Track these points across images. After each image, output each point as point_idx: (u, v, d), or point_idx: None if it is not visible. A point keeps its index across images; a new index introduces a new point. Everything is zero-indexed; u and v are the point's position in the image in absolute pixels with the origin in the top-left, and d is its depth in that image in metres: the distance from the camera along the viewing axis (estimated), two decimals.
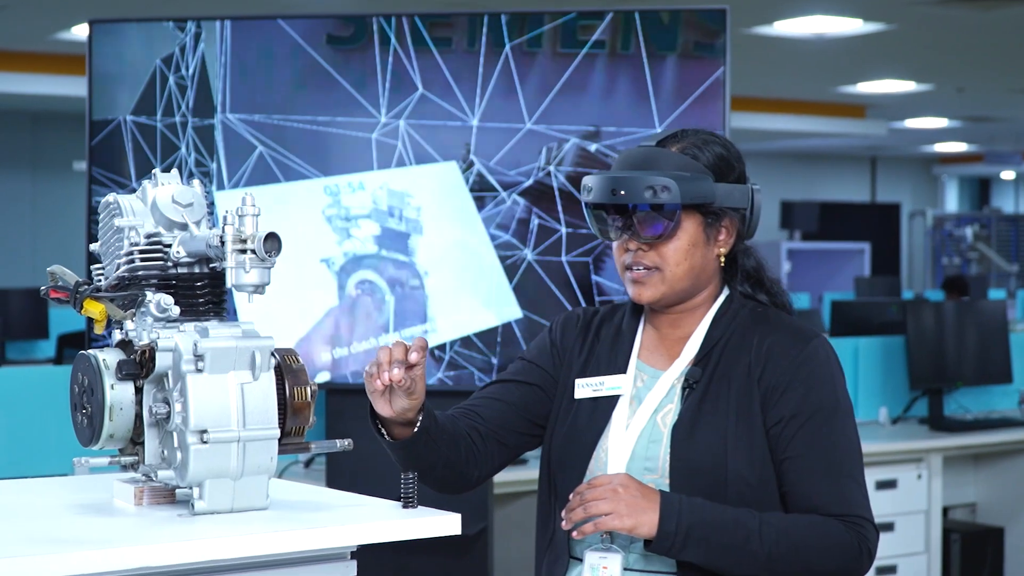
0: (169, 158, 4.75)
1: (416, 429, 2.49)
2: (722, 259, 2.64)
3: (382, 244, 4.65)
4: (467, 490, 2.68)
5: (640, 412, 2.60)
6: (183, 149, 4.72)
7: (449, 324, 4.63)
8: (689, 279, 2.60)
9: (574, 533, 2.47)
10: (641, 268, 2.59)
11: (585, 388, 2.67)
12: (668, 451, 2.54)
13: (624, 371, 2.66)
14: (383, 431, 2.51)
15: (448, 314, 4.63)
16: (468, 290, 4.64)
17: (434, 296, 4.63)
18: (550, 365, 2.73)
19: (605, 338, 2.72)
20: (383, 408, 2.46)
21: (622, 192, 2.54)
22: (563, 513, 2.48)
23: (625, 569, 2.54)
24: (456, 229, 4.67)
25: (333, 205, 4.69)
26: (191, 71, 4.73)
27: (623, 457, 2.57)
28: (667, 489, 2.51)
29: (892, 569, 5.55)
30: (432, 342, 4.58)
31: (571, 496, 2.48)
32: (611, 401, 2.64)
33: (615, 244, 2.62)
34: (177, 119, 4.75)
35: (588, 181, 2.59)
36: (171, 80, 4.74)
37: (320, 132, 4.72)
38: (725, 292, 2.67)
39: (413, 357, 2.39)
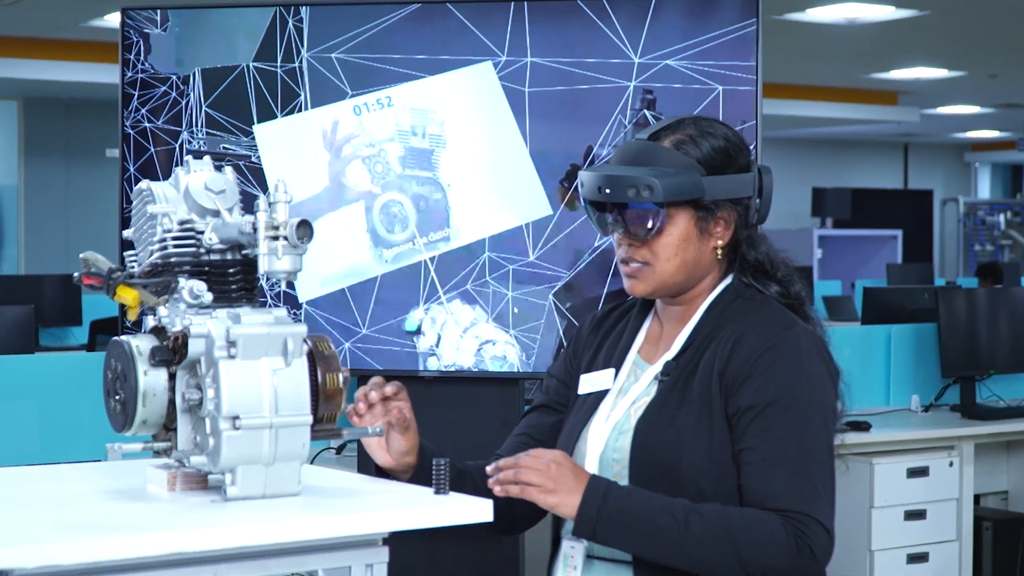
0: (290, 104, 4.69)
1: (415, 470, 2.56)
2: (719, 251, 2.63)
3: (405, 164, 4.62)
4: (515, 531, 2.75)
5: (620, 405, 2.63)
6: (303, 95, 4.68)
7: (470, 228, 4.59)
8: (682, 273, 2.60)
9: (497, 490, 2.45)
10: (634, 263, 2.60)
11: (585, 384, 2.72)
12: (631, 443, 2.55)
13: (620, 366, 2.69)
14: None
15: (470, 220, 4.59)
16: (492, 196, 4.60)
17: (457, 206, 4.60)
18: (570, 379, 2.78)
19: (614, 334, 2.76)
20: (382, 458, 2.57)
21: (607, 191, 2.55)
22: (490, 469, 2.48)
23: (588, 557, 2.58)
24: (483, 136, 4.59)
25: (358, 131, 4.64)
26: (305, 13, 4.68)
27: (597, 448, 2.61)
28: (626, 482, 2.53)
29: (923, 557, 5.54)
30: (452, 245, 4.57)
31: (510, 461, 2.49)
32: (603, 395, 2.68)
33: (614, 238, 2.64)
34: (296, 64, 4.68)
35: (582, 176, 2.61)
36: (290, 24, 4.69)
37: (413, 76, 4.63)
38: (725, 283, 2.66)
39: (388, 390, 2.52)
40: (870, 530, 5.41)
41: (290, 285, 4.58)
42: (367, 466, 4.53)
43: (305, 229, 2.10)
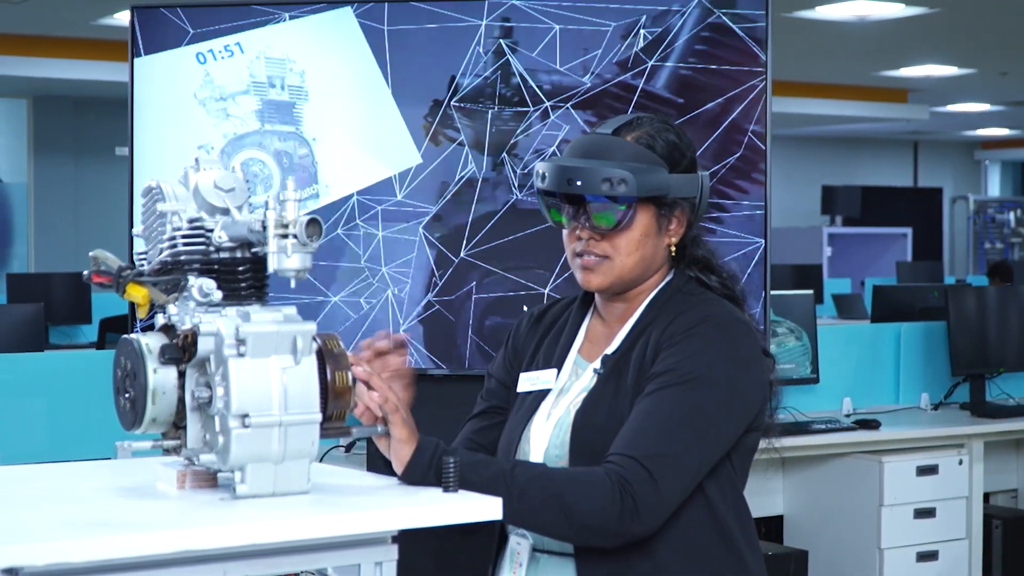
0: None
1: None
2: (672, 249, 2.64)
3: (264, 118, 4.44)
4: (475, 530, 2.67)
5: (561, 402, 2.63)
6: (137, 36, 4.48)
7: (340, 184, 4.44)
8: (639, 268, 2.60)
9: (376, 396, 2.36)
10: (592, 256, 2.59)
11: (524, 383, 2.71)
12: (570, 434, 2.56)
13: (560, 366, 2.68)
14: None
15: (340, 174, 4.44)
16: (361, 148, 4.44)
17: (324, 161, 4.43)
18: (510, 379, 2.77)
19: (553, 332, 2.75)
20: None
21: (578, 183, 2.52)
22: (361, 372, 2.35)
23: (534, 551, 2.59)
24: (347, 86, 4.45)
25: (204, 87, 4.46)
26: None
27: (541, 446, 2.61)
28: None
29: (933, 555, 5.53)
30: (323, 203, 4.43)
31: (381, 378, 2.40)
32: (544, 394, 2.67)
33: (566, 231, 2.63)
34: None
35: (541, 167, 2.59)
36: None
37: None
38: (667, 279, 2.66)
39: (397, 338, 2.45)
40: (880, 528, 5.40)
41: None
42: (376, 464, 4.54)
43: (315, 227, 2.10)
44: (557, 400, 2.64)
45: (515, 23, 4.37)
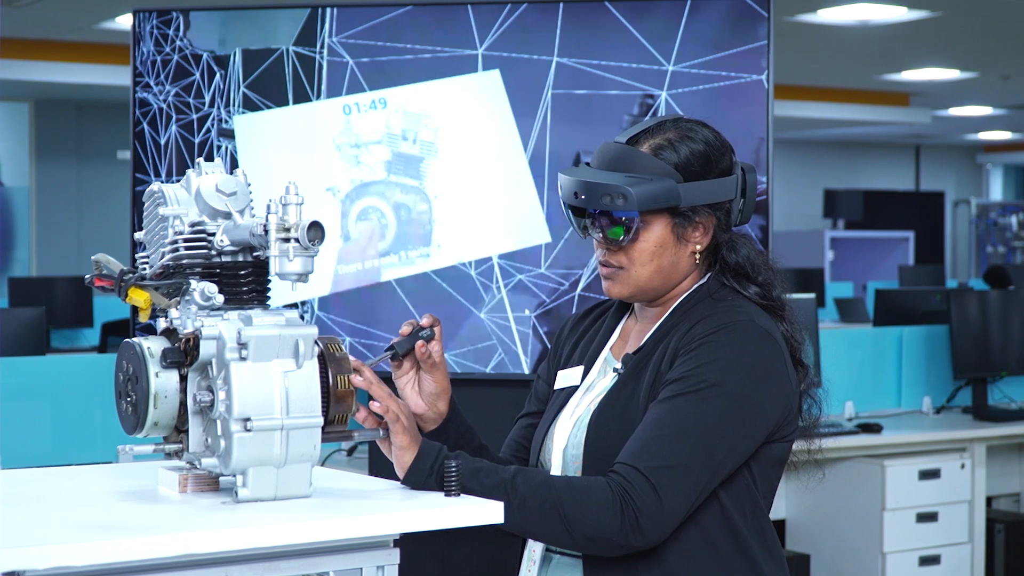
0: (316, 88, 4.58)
1: (444, 420, 2.55)
2: (697, 256, 2.59)
3: (391, 169, 4.46)
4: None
5: (585, 400, 2.62)
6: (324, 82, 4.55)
7: (454, 248, 4.44)
8: (658, 278, 2.57)
9: (376, 406, 2.36)
10: (610, 267, 2.58)
11: (560, 380, 2.71)
12: (584, 436, 2.55)
13: (591, 364, 2.68)
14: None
15: (454, 238, 4.44)
16: (483, 213, 4.44)
17: (441, 220, 4.44)
18: (552, 379, 2.76)
19: (591, 332, 2.75)
20: (415, 402, 2.53)
21: (583, 197, 2.52)
22: (360, 381, 2.34)
23: (547, 551, 2.58)
24: (479, 148, 4.44)
25: (343, 132, 4.50)
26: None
27: (561, 444, 2.60)
28: (580, 473, 2.52)
29: (936, 559, 5.53)
30: (433, 265, 4.45)
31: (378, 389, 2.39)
32: (573, 391, 2.67)
33: (594, 240, 2.61)
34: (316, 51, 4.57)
35: (560, 178, 2.58)
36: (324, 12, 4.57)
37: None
38: (700, 283, 2.62)
39: (424, 321, 2.50)
40: (882, 532, 5.40)
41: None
42: (378, 468, 4.55)
43: (316, 231, 2.09)
44: (582, 398, 2.63)
45: (680, 88, 4.39)
